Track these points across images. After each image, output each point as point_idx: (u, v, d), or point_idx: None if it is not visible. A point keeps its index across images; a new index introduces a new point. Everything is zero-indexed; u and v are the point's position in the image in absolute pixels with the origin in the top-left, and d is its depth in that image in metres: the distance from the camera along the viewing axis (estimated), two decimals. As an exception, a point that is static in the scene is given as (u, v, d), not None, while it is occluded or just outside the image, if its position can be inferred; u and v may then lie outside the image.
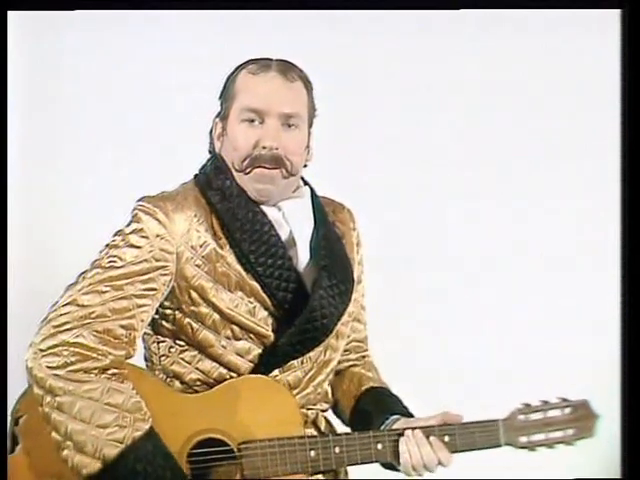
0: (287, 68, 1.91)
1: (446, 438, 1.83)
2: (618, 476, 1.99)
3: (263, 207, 1.89)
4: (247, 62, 1.95)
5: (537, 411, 1.88)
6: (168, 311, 1.86)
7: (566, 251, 2.97)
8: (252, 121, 1.87)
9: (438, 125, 2.96)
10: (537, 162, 2.96)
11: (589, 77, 2.91)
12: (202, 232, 1.84)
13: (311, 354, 1.90)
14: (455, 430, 1.83)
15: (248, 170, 1.86)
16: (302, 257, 1.89)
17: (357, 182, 2.84)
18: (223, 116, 1.94)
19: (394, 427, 1.87)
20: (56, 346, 1.72)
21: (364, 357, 2.09)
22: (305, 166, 1.96)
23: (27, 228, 2.86)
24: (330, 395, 1.98)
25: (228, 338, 1.85)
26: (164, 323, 1.88)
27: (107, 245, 1.84)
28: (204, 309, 1.84)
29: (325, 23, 2.88)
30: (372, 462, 1.84)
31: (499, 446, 1.86)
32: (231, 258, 1.85)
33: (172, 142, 2.89)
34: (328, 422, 1.99)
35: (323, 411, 1.96)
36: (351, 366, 2.06)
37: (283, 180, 1.87)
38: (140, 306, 1.78)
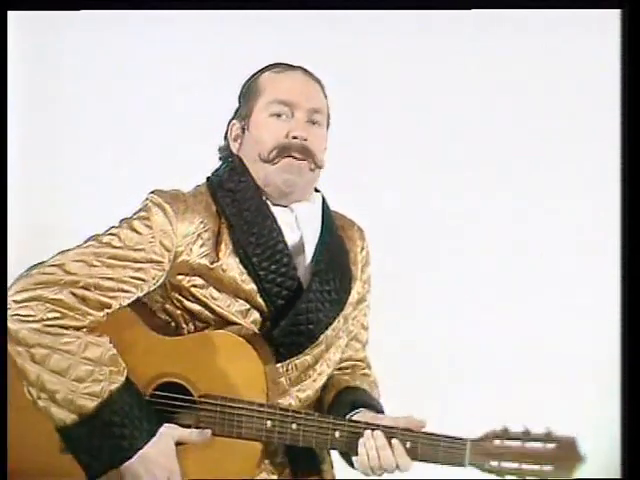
0: (309, 72, 1.96)
1: (408, 444, 1.75)
2: (618, 476, 1.99)
3: (275, 209, 1.89)
4: (268, 66, 1.97)
5: (516, 439, 1.73)
6: (159, 300, 1.87)
7: (566, 251, 2.97)
8: (280, 115, 1.89)
9: (438, 125, 2.95)
10: (537, 162, 2.96)
11: (589, 77, 2.91)
12: (204, 239, 1.84)
13: (297, 362, 1.88)
14: (419, 439, 1.76)
15: (277, 160, 1.87)
16: (308, 265, 1.89)
17: (357, 182, 2.84)
18: (244, 115, 1.94)
19: (356, 418, 1.82)
20: (32, 299, 1.70)
21: (364, 375, 2.06)
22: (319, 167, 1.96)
23: (27, 228, 2.86)
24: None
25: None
26: (159, 316, 1.88)
27: (112, 226, 1.84)
28: (196, 306, 1.85)
29: (325, 23, 2.88)
30: (327, 449, 1.81)
31: (462, 465, 1.75)
32: (227, 265, 1.84)
33: (172, 142, 2.89)
34: None
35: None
36: (340, 376, 2.02)
37: (309, 173, 1.89)
38: (124, 291, 1.77)
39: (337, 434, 1.77)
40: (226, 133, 1.98)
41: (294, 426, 1.77)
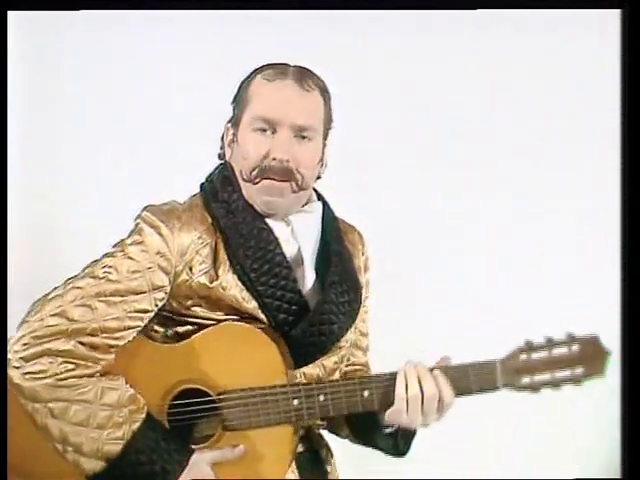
0: (304, 76, 1.82)
1: None
2: (618, 476, 1.99)
3: (271, 222, 1.81)
4: (263, 66, 1.87)
5: (541, 349, 1.73)
6: (159, 328, 1.82)
7: (566, 251, 2.97)
8: (264, 130, 1.79)
9: (438, 125, 2.96)
10: (537, 162, 2.96)
11: (589, 77, 2.91)
12: (203, 256, 1.77)
13: (304, 370, 1.83)
14: (448, 371, 1.72)
15: (257, 180, 1.79)
16: (308, 277, 1.83)
17: (356, 182, 2.84)
18: (235, 122, 1.86)
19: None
20: (41, 355, 1.67)
21: None
22: (319, 177, 1.90)
23: (27, 228, 2.86)
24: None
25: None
26: (156, 328, 1.82)
27: (105, 254, 1.78)
28: (198, 320, 1.79)
29: (325, 23, 2.88)
30: (358, 411, 1.74)
31: (496, 389, 1.72)
32: (227, 282, 1.77)
33: (172, 142, 2.89)
34: (321, 437, 1.93)
35: (318, 427, 1.89)
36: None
37: (292, 194, 1.80)
38: (130, 328, 1.72)
39: (366, 393, 1.73)
40: (223, 135, 1.92)
41: (321, 398, 1.73)
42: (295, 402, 1.73)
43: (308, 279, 1.83)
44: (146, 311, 1.74)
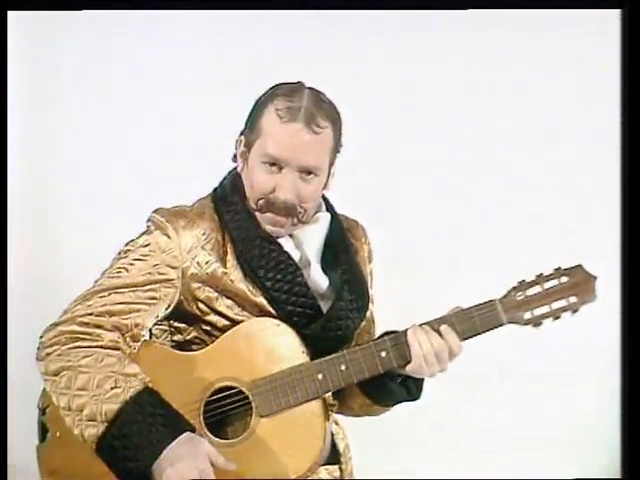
0: (315, 116, 1.85)
1: (443, 327, 1.84)
2: (618, 476, 1.99)
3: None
4: (277, 89, 1.90)
5: (534, 285, 1.86)
6: (182, 325, 1.91)
7: (566, 250, 2.97)
8: (272, 165, 1.86)
9: (438, 125, 2.95)
10: (537, 161, 2.96)
11: (589, 77, 2.91)
12: (208, 250, 1.87)
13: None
14: (452, 318, 1.84)
15: (262, 210, 1.88)
16: (316, 275, 1.92)
17: (357, 181, 2.84)
18: (247, 141, 1.91)
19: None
20: (55, 336, 1.79)
21: None
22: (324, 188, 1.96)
23: (27, 228, 2.86)
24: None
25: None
26: (177, 337, 1.92)
27: (119, 253, 1.88)
28: (214, 317, 1.87)
29: (325, 23, 2.88)
30: (379, 372, 1.84)
31: (501, 324, 1.84)
32: (235, 276, 1.87)
33: (172, 142, 2.89)
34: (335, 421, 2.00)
35: (331, 406, 1.95)
36: None
37: (292, 226, 1.90)
38: (136, 311, 1.83)
39: (383, 354, 1.83)
40: (237, 141, 1.96)
41: (342, 367, 1.83)
42: (319, 376, 1.83)
43: (316, 276, 1.92)
44: (153, 298, 1.84)
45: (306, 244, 1.93)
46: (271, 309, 1.87)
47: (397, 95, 2.94)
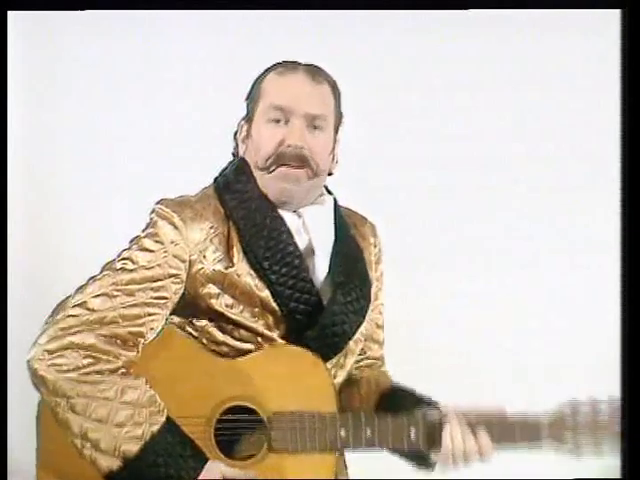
0: (315, 71, 1.88)
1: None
2: (618, 476, 1.99)
3: (283, 212, 1.85)
4: (275, 65, 1.91)
5: (586, 409, 1.81)
6: (178, 320, 1.85)
7: (566, 251, 2.98)
8: (278, 121, 1.84)
9: (438, 125, 2.96)
10: (536, 161, 2.96)
11: (589, 77, 2.91)
12: (216, 244, 1.80)
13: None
14: (493, 421, 1.77)
15: (272, 168, 1.83)
16: (320, 268, 1.86)
17: (357, 181, 2.84)
18: (248, 118, 1.91)
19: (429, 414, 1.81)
20: (65, 348, 1.70)
21: (384, 372, 2.05)
22: (330, 174, 1.93)
23: (27, 228, 2.86)
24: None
25: (234, 338, 1.82)
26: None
27: (122, 250, 1.81)
28: (210, 314, 1.81)
29: (325, 23, 2.88)
30: (404, 449, 1.79)
31: (539, 441, 1.79)
32: (242, 270, 1.80)
33: (172, 142, 2.89)
34: None
35: None
36: (364, 373, 2.01)
37: (308, 181, 1.84)
38: (151, 314, 1.76)
39: (412, 431, 1.77)
40: (236, 132, 1.95)
41: (368, 432, 1.76)
42: (342, 432, 1.76)
43: (319, 271, 1.86)
44: (164, 298, 1.77)
45: (312, 228, 1.86)
46: (275, 305, 1.81)
47: (396, 95, 2.95)
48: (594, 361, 2.87)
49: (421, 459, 1.85)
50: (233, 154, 1.96)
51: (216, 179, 1.92)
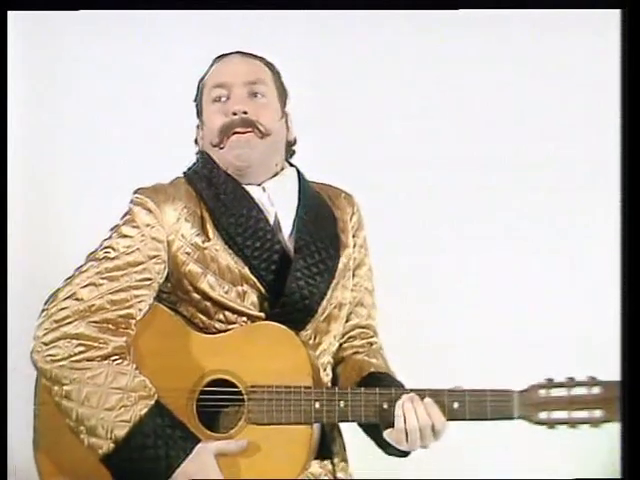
0: (249, 54, 2.04)
1: (455, 405, 1.80)
2: (618, 476, 1.99)
3: (248, 188, 1.93)
4: (211, 63, 2.07)
5: (560, 386, 1.78)
6: (164, 295, 1.91)
7: (568, 252, 2.97)
8: (220, 99, 1.96)
9: (437, 125, 2.96)
10: (536, 161, 2.96)
11: (589, 77, 2.91)
12: (191, 222, 1.89)
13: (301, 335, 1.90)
14: (465, 397, 1.80)
15: (225, 140, 1.93)
16: (289, 239, 1.93)
17: (357, 181, 2.84)
18: (199, 112, 2.04)
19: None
20: (58, 339, 1.78)
21: (371, 344, 2.08)
22: (291, 144, 2.03)
23: (27, 228, 2.86)
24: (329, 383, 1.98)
25: (221, 321, 1.89)
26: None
27: (103, 239, 1.90)
28: (195, 295, 1.88)
29: (325, 23, 2.88)
30: (375, 421, 1.83)
31: (511, 418, 1.79)
32: (219, 246, 1.88)
33: (172, 142, 2.88)
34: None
35: None
36: (354, 353, 2.05)
37: (259, 141, 1.93)
38: (138, 296, 1.84)
39: (385, 405, 1.81)
40: (196, 139, 2.07)
41: (342, 404, 1.82)
42: (317, 405, 1.82)
43: (289, 242, 1.93)
44: (148, 279, 1.86)
45: (277, 202, 1.94)
46: (255, 280, 1.87)
47: (396, 94, 2.95)
48: (594, 361, 2.87)
49: (392, 447, 1.87)
50: (196, 153, 2.06)
51: (185, 172, 2.02)
